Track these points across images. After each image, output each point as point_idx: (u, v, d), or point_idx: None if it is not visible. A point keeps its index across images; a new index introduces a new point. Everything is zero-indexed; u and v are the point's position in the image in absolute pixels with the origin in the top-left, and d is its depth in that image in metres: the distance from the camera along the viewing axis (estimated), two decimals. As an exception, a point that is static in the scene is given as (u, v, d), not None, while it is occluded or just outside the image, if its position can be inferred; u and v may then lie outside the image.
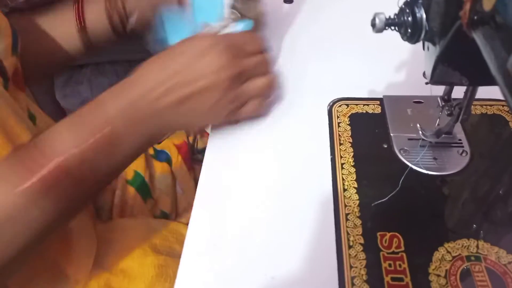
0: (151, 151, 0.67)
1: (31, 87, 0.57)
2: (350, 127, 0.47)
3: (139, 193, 0.61)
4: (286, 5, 0.68)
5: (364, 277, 0.34)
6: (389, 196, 0.39)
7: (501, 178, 0.42)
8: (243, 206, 0.40)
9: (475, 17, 0.24)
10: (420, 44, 0.35)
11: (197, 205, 0.41)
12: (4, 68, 0.46)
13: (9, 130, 0.40)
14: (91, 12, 0.55)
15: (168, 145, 0.67)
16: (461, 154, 0.43)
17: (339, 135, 0.46)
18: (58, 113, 1.10)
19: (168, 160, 0.66)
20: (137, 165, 0.62)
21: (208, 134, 0.48)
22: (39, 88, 0.91)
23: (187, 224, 0.39)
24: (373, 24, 0.32)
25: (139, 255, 0.51)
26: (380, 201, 0.39)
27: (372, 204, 0.39)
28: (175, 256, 0.42)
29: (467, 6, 0.25)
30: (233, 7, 0.48)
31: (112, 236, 0.54)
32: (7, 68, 0.46)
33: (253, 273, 0.35)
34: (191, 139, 0.71)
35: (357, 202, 0.39)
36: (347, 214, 0.39)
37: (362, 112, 0.48)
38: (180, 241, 0.38)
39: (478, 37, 0.24)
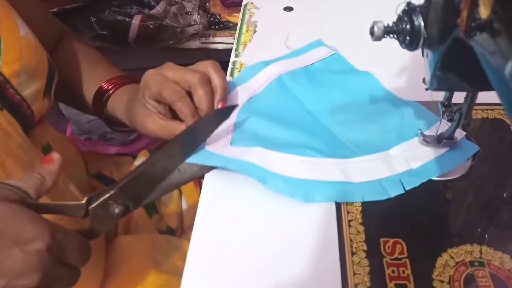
0: None
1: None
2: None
3: (144, 208, 0.61)
4: (286, 13, 0.68)
5: (368, 284, 0.34)
6: (391, 202, 0.39)
7: (503, 182, 0.42)
8: (247, 215, 0.40)
9: (473, 24, 0.24)
10: (420, 49, 0.35)
11: (200, 214, 0.41)
12: (28, 115, 0.45)
13: None
14: (114, 102, 0.55)
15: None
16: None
17: (341, 142, 0.46)
18: (62, 122, 1.11)
19: None
20: None
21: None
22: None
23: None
24: (372, 33, 0.33)
25: (141, 276, 0.51)
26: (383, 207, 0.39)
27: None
28: (178, 273, 0.42)
29: (464, 14, 0.25)
30: None
31: (116, 256, 0.53)
32: (35, 112, 0.46)
33: (257, 281, 0.36)
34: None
35: (360, 208, 0.39)
36: (350, 221, 0.39)
37: (363, 119, 0.48)
38: (184, 257, 0.38)
39: (475, 44, 0.24)
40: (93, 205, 0.36)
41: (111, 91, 0.55)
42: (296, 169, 0.41)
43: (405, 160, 0.42)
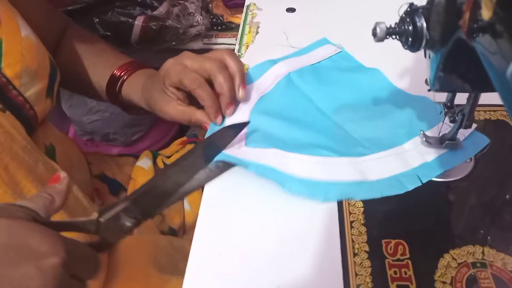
0: (160, 164, 0.68)
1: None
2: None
3: None
4: (289, 14, 0.68)
5: (370, 285, 0.34)
6: (393, 203, 0.39)
7: (506, 183, 0.42)
8: (248, 215, 0.41)
9: (475, 26, 0.24)
10: (422, 51, 0.35)
11: (202, 214, 0.41)
12: (31, 116, 0.45)
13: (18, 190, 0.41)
14: (129, 87, 0.57)
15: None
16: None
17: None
18: (64, 123, 1.11)
19: None
20: (145, 180, 0.62)
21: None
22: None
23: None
24: (374, 34, 0.33)
25: (143, 277, 0.51)
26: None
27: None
28: (179, 274, 0.41)
29: (467, 15, 0.25)
30: None
31: (118, 257, 0.53)
32: (38, 113, 0.46)
33: (259, 283, 0.36)
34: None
35: (362, 209, 0.40)
36: (352, 222, 0.39)
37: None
38: (186, 258, 0.37)
39: (478, 46, 0.24)
40: (104, 218, 0.36)
41: (125, 77, 0.57)
42: (314, 171, 0.41)
43: (419, 153, 0.43)
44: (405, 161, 0.42)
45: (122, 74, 0.57)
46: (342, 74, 0.54)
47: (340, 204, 0.40)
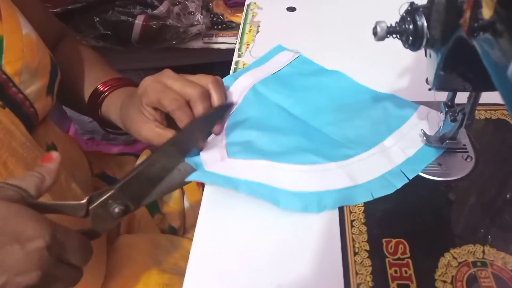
0: None
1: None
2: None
3: (146, 207, 0.61)
4: (289, 13, 0.68)
5: (370, 284, 0.34)
6: (393, 203, 0.39)
7: (506, 182, 0.42)
8: (249, 214, 0.41)
9: (475, 25, 0.24)
10: (423, 50, 0.35)
11: (203, 213, 0.41)
12: (31, 113, 0.45)
13: None
14: (109, 104, 0.56)
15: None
16: (465, 159, 0.43)
17: (343, 142, 0.46)
18: (65, 122, 1.11)
19: None
20: None
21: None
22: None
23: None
24: (375, 33, 0.33)
25: (144, 276, 0.51)
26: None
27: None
28: (180, 273, 0.41)
29: (467, 14, 0.25)
30: None
31: (118, 256, 0.54)
32: (39, 111, 0.46)
33: (259, 282, 0.36)
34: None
35: (362, 208, 0.40)
36: (352, 221, 0.39)
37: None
38: (186, 257, 0.38)
39: (478, 45, 0.24)
40: (93, 205, 0.37)
41: (106, 93, 0.55)
42: (305, 182, 0.41)
43: (401, 149, 0.43)
44: (389, 158, 0.43)
45: (105, 89, 0.55)
46: (307, 79, 0.54)
47: (340, 203, 0.40)
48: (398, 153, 0.43)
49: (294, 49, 0.59)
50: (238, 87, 0.53)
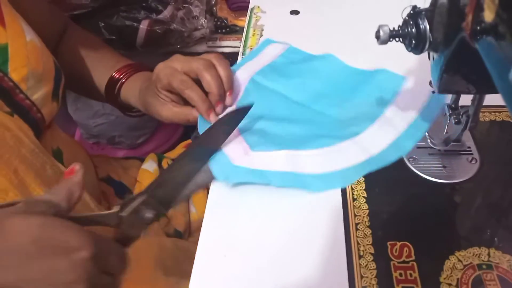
0: (165, 167, 0.68)
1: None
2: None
3: None
4: (292, 17, 0.69)
5: (375, 287, 0.34)
6: (398, 205, 0.39)
7: (511, 185, 0.42)
8: (253, 217, 0.41)
9: (478, 28, 0.24)
10: (426, 53, 0.35)
11: (208, 217, 0.41)
12: (38, 119, 0.46)
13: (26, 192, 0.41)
14: (127, 90, 0.58)
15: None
16: (470, 161, 0.43)
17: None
18: (70, 126, 1.12)
19: None
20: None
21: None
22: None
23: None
24: (378, 36, 0.33)
25: (150, 279, 0.51)
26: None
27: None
28: (186, 277, 0.41)
29: (470, 17, 0.25)
30: None
31: None
32: (45, 116, 0.47)
33: (264, 284, 0.36)
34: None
35: (367, 211, 0.40)
36: (357, 224, 0.39)
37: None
38: (191, 260, 0.38)
39: (480, 47, 0.24)
40: (126, 212, 0.37)
41: (123, 80, 0.58)
42: (328, 163, 0.43)
43: (402, 118, 0.45)
44: (394, 127, 0.44)
45: (121, 76, 0.58)
46: (301, 66, 0.56)
47: (345, 206, 0.40)
48: (401, 121, 0.45)
49: (283, 41, 0.60)
50: (237, 80, 0.54)
